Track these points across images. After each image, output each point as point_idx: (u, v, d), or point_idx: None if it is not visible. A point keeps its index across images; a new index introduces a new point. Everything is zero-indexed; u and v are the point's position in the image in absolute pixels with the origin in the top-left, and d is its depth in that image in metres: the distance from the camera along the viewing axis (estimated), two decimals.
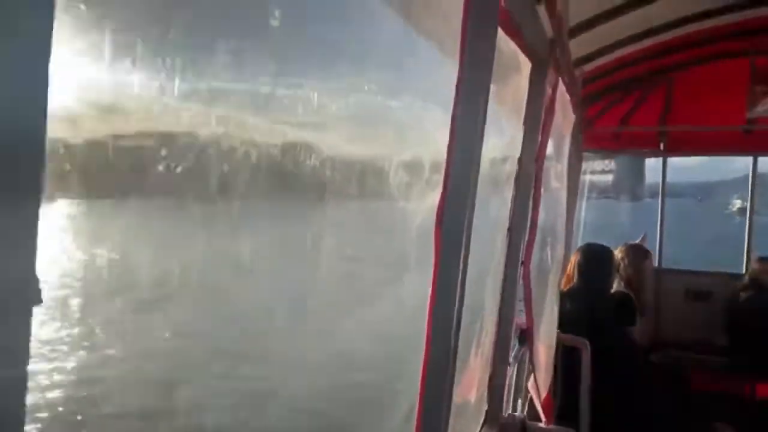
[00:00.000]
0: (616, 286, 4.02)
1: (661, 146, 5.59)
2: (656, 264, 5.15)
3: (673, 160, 5.75)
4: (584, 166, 5.25)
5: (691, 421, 3.49)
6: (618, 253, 4.14)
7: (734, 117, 4.83)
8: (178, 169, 0.51)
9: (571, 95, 3.01)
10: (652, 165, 5.80)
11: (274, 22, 0.63)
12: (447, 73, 1.18)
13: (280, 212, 0.67)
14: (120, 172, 0.45)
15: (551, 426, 2.52)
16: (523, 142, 2.24)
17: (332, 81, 0.77)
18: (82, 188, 0.42)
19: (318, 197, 0.74)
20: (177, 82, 0.51)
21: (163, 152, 0.51)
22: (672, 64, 4.77)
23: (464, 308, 1.42)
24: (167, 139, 0.51)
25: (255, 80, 0.59)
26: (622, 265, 4.13)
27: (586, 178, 5.67)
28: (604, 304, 3.64)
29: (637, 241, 4.91)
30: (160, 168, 0.48)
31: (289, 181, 0.68)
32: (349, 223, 0.96)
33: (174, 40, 0.50)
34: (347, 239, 0.92)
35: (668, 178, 5.56)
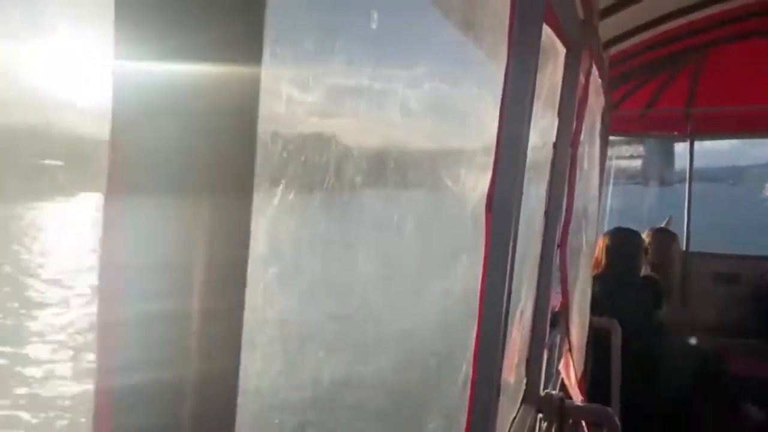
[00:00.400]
0: (643, 270, 4.03)
1: (688, 128, 5.52)
2: (684, 247, 5.12)
3: (704, 145, 5.68)
4: (612, 151, 5.21)
5: (721, 404, 3.51)
6: (645, 238, 4.14)
7: (763, 97, 4.76)
8: (302, 166, 0.56)
9: (601, 79, 3.02)
10: (681, 151, 5.74)
11: (374, 24, 0.67)
12: (500, 61, 1.22)
13: (377, 202, 0.73)
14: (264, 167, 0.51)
15: (587, 404, 2.56)
16: (558, 127, 2.27)
17: (407, 75, 0.82)
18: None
19: (404, 188, 0.79)
20: (297, 84, 0.56)
21: (290, 150, 0.56)
22: (699, 45, 4.70)
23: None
24: (290, 137, 0.57)
25: (361, 78, 0.64)
26: (649, 249, 4.13)
27: (614, 163, 5.63)
28: (632, 288, 3.65)
29: (663, 225, 4.89)
30: (291, 165, 0.54)
31: (381, 173, 0.73)
32: (427, 210, 1.01)
33: (297, 42, 0.56)
34: (426, 223, 0.97)
35: (700, 163, 5.50)
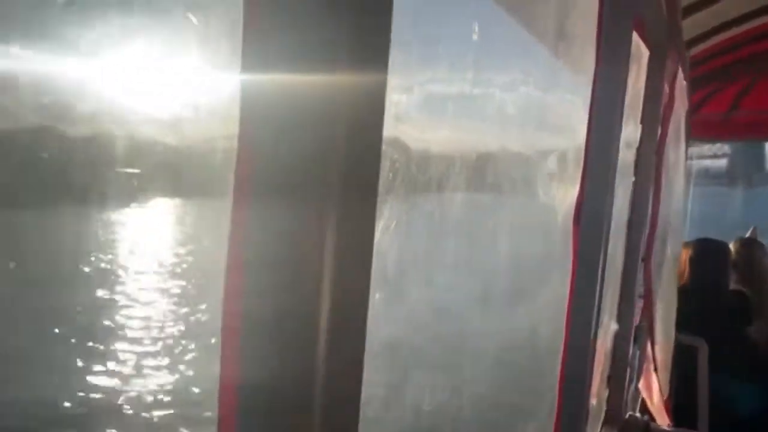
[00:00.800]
0: (732, 284, 3.77)
1: None
2: None
3: None
4: (692, 150, 4.91)
5: None
6: (732, 249, 3.88)
7: None
8: (408, 177, 0.55)
9: (685, 81, 2.86)
10: None
11: (475, 36, 0.65)
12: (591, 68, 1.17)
13: (474, 214, 0.72)
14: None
15: (674, 428, 2.41)
16: (642, 132, 2.15)
17: (503, 85, 0.79)
18: None
19: (497, 192, 0.77)
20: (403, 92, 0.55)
21: (391, 157, 0.55)
22: None
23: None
24: (392, 144, 0.55)
25: (462, 88, 0.63)
26: (737, 261, 3.86)
27: (694, 163, 5.29)
28: (719, 303, 3.43)
29: (747, 235, 4.57)
30: (390, 172, 0.53)
31: (479, 184, 0.71)
32: (521, 224, 0.98)
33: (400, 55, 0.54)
34: (519, 237, 0.94)
35: None
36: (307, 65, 0.37)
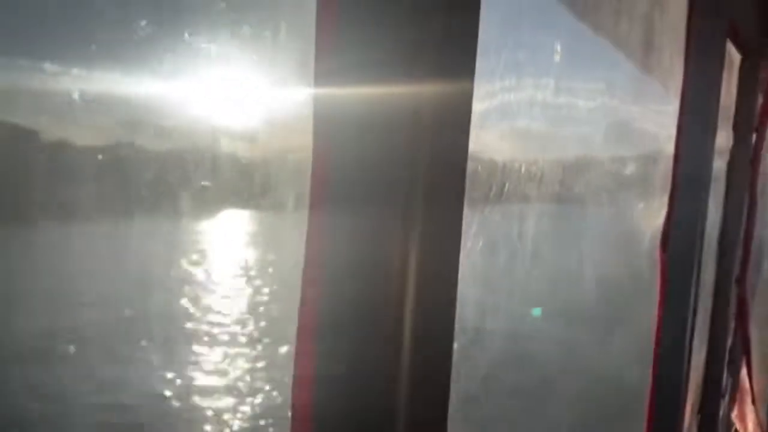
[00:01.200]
0: None
1: None
2: None
3: None
4: None
5: None
6: None
7: None
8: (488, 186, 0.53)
9: None
10: None
11: (557, 57, 0.62)
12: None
13: (552, 215, 0.70)
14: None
15: None
16: (735, 142, 1.98)
17: (588, 86, 0.76)
18: None
19: (580, 203, 0.75)
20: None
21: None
22: None
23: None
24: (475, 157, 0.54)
25: (546, 94, 0.60)
26: None
27: None
28: None
29: None
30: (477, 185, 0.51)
31: (564, 190, 0.69)
32: (603, 241, 0.93)
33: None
34: (602, 257, 0.89)
35: None
36: (386, 74, 0.36)
